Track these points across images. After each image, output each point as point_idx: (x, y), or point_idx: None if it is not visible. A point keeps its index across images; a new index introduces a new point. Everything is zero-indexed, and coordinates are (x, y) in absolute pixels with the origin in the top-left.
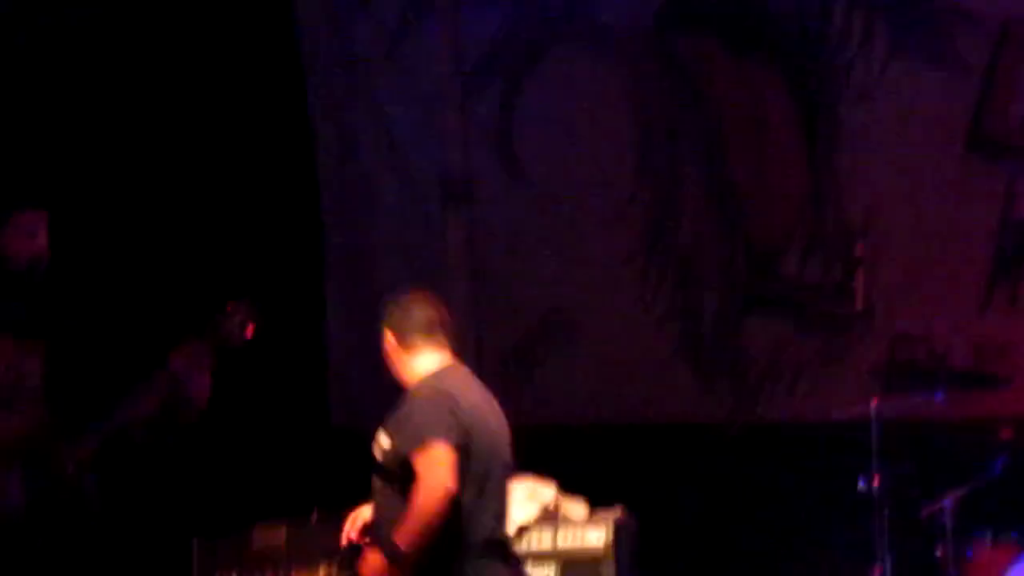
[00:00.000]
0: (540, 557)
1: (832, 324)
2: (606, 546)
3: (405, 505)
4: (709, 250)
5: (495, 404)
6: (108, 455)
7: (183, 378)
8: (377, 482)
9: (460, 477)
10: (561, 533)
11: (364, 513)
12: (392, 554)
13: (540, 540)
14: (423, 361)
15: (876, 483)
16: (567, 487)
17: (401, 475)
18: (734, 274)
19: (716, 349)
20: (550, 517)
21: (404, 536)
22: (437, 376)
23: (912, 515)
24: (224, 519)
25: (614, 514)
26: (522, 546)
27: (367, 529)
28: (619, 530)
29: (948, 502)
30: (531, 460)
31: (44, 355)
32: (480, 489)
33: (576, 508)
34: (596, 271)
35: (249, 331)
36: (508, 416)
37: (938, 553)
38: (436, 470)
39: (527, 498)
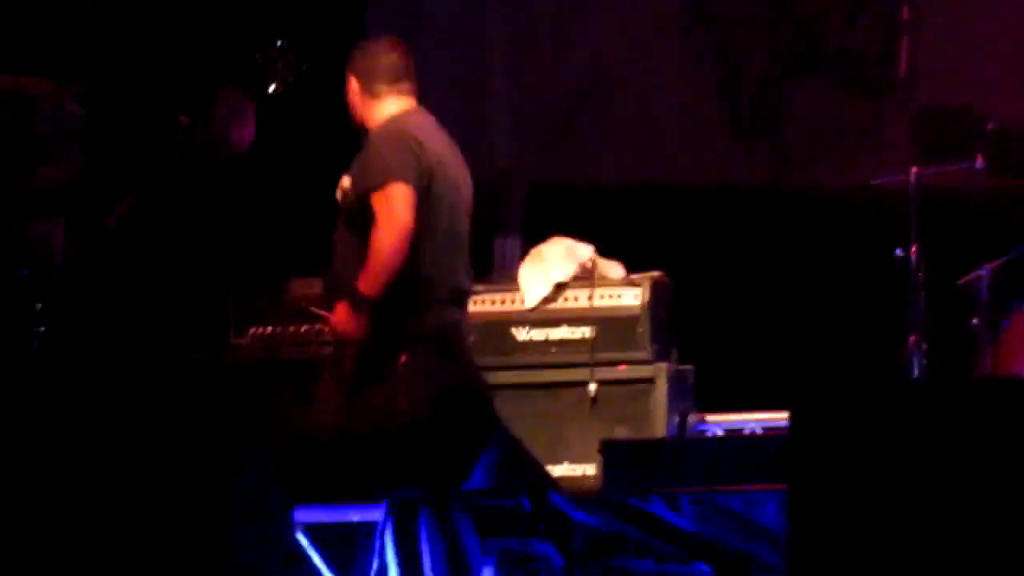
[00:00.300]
0: (576, 316)
1: (874, 90)
2: (642, 306)
3: (366, 250)
4: (753, 13)
5: (459, 154)
6: (148, 205)
7: (223, 125)
8: (339, 229)
9: (422, 219)
10: (598, 292)
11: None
12: (355, 300)
13: (576, 299)
14: (387, 108)
15: (913, 252)
16: (605, 248)
17: (361, 217)
18: (777, 38)
19: (757, 112)
20: (587, 276)
21: (366, 280)
22: (400, 118)
23: (948, 284)
24: (259, 271)
25: (651, 275)
26: (558, 304)
27: (329, 284)
28: (655, 291)
29: (985, 271)
30: (570, 220)
31: (85, 99)
32: (444, 234)
33: (613, 268)
34: (638, 34)
35: (291, 77)
36: (549, 174)
37: (974, 322)
38: (395, 208)
39: (564, 257)
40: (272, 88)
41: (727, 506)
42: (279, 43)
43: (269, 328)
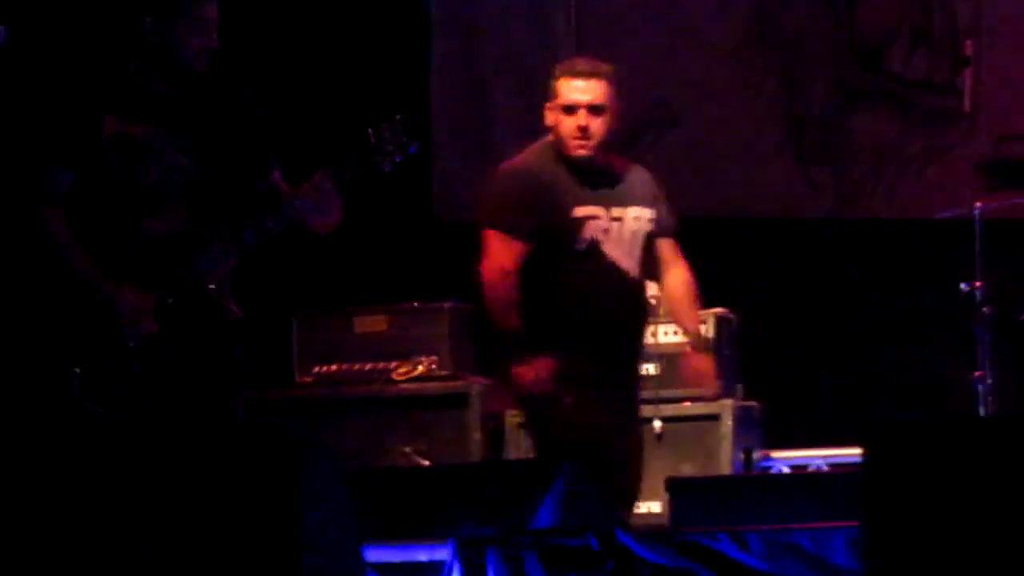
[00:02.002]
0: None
1: (937, 121)
2: (708, 341)
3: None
4: (815, 42)
5: None
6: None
7: (307, 210)
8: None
9: None
10: (662, 329)
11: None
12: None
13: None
14: None
15: (978, 286)
16: None
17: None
18: (840, 67)
19: (820, 143)
20: (651, 313)
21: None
22: None
23: (1014, 317)
24: (323, 306)
25: (716, 311)
26: None
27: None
28: (720, 327)
29: None
30: None
31: (191, 154)
32: None
33: None
34: (701, 61)
35: (401, 155)
36: None
37: None
38: None
39: None
40: (383, 167)
41: (796, 544)
42: (396, 117)
43: (333, 366)
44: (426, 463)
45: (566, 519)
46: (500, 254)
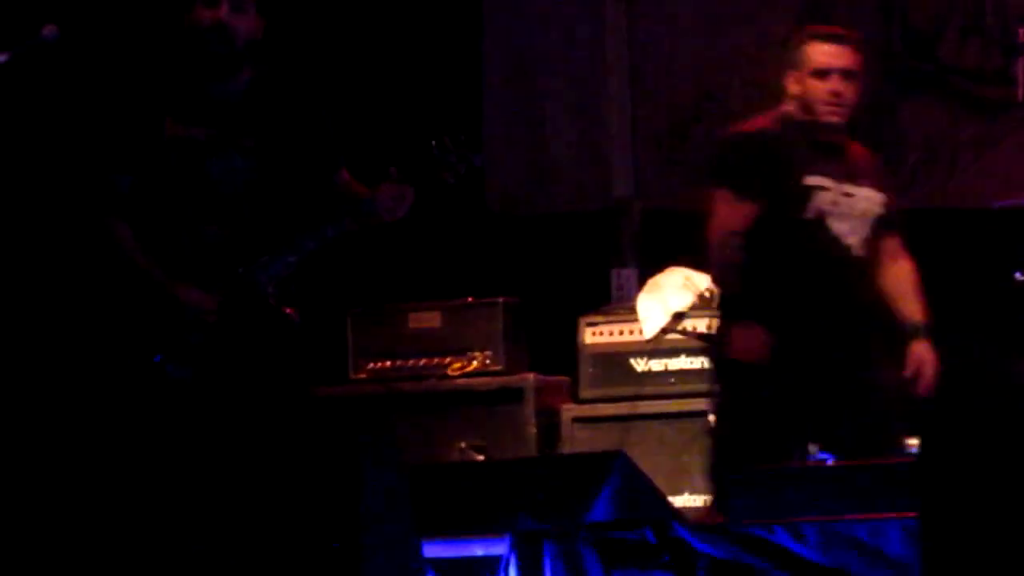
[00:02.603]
0: (695, 346)
1: (990, 110)
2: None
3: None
4: (865, 31)
5: None
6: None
7: (383, 209)
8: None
9: None
10: (716, 322)
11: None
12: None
13: (695, 328)
14: None
15: None
16: None
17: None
18: (890, 55)
19: (871, 132)
20: (705, 305)
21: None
22: None
23: None
24: (377, 301)
25: None
26: (676, 334)
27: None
28: None
29: None
30: (685, 248)
31: (254, 159)
32: None
33: None
34: (751, 51)
35: (462, 169)
36: (664, 202)
37: None
38: None
39: (682, 286)
40: (445, 179)
41: (853, 535)
42: (461, 137)
43: (388, 362)
44: (481, 458)
45: (622, 512)
46: (728, 215)
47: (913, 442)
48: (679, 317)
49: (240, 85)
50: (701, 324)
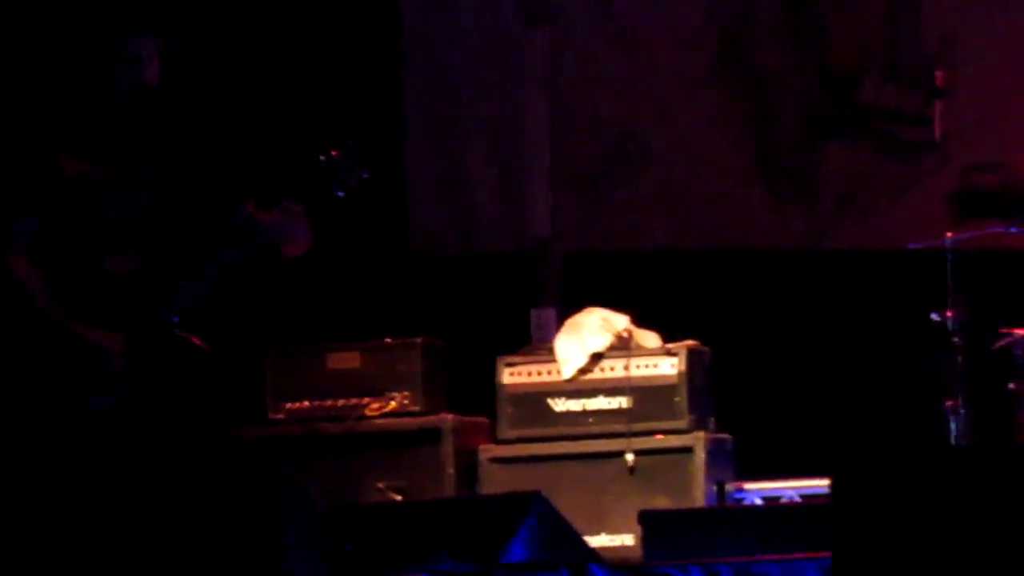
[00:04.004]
0: (613, 386)
1: (909, 152)
2: (679, 375)
3: None
4: (785, 74)
5: None
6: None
7: (278, 236)
8: None
9: None
10: (634, 362)
11: None
12: None
13: (613, 368)
14: None
15: (949, 315)
16: (640, 315)
17: None
18: (810, 98)
19: (790, 174)
20: (623, 345)
21: None
22: None
23: (985, 347)
24: (296, 340)
25: (688, 344)
26: (595, 374)
27: None
28: (692, 359)
29: (1022, 334)
30: (605, 289)
31: (152, 192)
32: None
33: (649, 337)
34: (671, 93)
35: (354, 182)
36: (584, 243)
37: (1011, 386)
38: None
39: (600, 326)
40: (335, 193)
41: (767, 575)
42: (347, 143)
43: (306, 402)
44: (400, 498)
45: (539, 553)
46: None
47: (824, 482)
48: (597, 357)
49: (137, 119)
50: (619, 364)
